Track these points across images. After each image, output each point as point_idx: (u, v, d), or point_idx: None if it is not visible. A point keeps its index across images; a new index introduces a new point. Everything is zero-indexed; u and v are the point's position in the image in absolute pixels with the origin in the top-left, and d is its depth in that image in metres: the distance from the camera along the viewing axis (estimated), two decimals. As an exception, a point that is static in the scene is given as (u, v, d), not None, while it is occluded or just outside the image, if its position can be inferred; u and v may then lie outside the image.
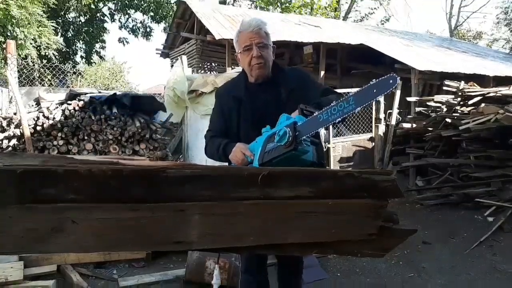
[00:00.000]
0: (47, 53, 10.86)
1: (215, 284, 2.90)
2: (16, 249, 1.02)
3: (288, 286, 2.11)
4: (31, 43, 10.20)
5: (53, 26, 11.35)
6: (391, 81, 1.33)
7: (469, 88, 6.31)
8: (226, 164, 1.91)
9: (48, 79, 10.36)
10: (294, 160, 1.50)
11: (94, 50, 16.21)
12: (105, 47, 16.69)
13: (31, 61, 9.61)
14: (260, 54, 1.82)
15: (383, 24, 19.66)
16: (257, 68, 1.85)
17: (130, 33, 17.00)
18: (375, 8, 20.45)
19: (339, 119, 1.42)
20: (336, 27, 10.98)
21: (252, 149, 1.69)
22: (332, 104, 1.44)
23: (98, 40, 16.03)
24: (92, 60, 16.49)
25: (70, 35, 15.28)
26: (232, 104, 1.92)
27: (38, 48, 10.78)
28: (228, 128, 1.95)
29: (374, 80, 1.37)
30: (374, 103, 7.10)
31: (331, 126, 6.16)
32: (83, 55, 16.14)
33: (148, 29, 17.12)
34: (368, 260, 3.65)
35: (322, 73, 8.74)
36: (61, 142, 4.28)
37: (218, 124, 2.01)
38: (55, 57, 11.15)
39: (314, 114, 1.49)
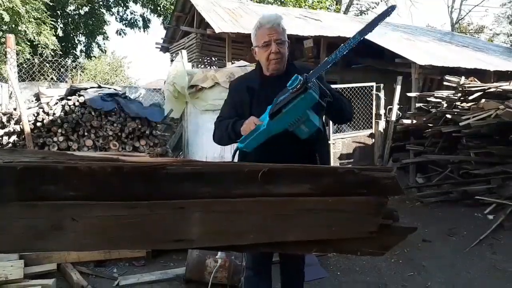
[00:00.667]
0: (44, 52, 10.86)
1: (219, 258, 2.94)
2: (16, 246, 1.02)
3: (290, 284, 2.13)
4: (29, 39, 10.21)
5: (52, 23, 11.33)
6: (389, 9, 1.67)
7: (469, 83, 6.28)
8: (235, 145, 1.96)
9: (48, 74, 10.33)
10: (302, 110, 1.61)
11: (95, 42, 16.11)
12: (107, 37, 16.60)
13: (23, 57, 9.60)
14: (278, 50, 1.91)
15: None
16: (274, 63, 1.94)
17: (127, 26, 16.87)
18: (376, 3, 20.39)
19: (347, 51, 1.67)
20: (336, 20, 10.94)
21: (263, 119, 1.76)
22: (340, 46, 1.68)
23: (99, 33, 15.94)
24: (92, 54, 16.40)
25: (69, 28, 15.19)
26: (245, 95, 1.99)
27: (35, 45, 10.76)
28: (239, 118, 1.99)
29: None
30: (374, 99, 7.12)
31: (331, 124, 6.15)
32: (83, 48, 16.08)
33: (146, 22, 16.98)
34: (368, 258, 3.65)
35: (323, 68, 8.71)
36: (61, 139, 4.27)
37: (228, 113, 2.06)
38: (51, 55, 11.13)
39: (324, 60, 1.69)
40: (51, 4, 11.59)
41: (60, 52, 12.95)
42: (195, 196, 1.08)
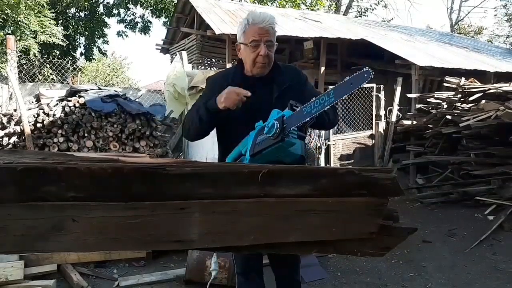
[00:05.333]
0: (49, 42, 10.85)
1: (214, 270, 2.90)
2: (16, 248, 1.02)
3: (285, 282, 2.06)
4: (31, 35, 10.25)
5: (53, 18, 11.36)
6: (365, 75, 1.46)
7: (469, 85, 6.30)
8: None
9: (48, 75, 10.34)
10: (282, 152, 1.60)
11: (96, 45, 16.18)
12: (107, 41, 16.66)
13: (34, 55, 9.62)
14: (268, 54, 1.78)
15: (383, 20, 19.64)
16: (260, 67, 1.82)
17: (128, 28, 16.91)
18: (375, 4, 20.45)
19: (321, 111, 1.52)
20: (336, 22, 10.95)
21: (245, 143, 1.71)
22: (314, 99, 1.52)
23: (100, 35, 15.98)
24: (92, 57, 16.42)
25: (70, 30, 15.23)
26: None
27: (39, 39, 10.79)
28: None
29: (348, 77, 1.51)
30: (374, 100, 7.13)
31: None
32: (83, 51, 16.11)
33: (147, 24, 17.02)
34: (368, 259, 3.65)
35: (323, 68, 8.72)
36: (61, 139, 4.27)
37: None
38: (55, 52, 11.16)
39: (299, 108, 1.57)
40: (48, 3, 11.63)
41: (58, 52, 12.99)
42: (195, 197, 1.08)
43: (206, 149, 5.05)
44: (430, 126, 6.28)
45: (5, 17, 10.05)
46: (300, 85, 1.89)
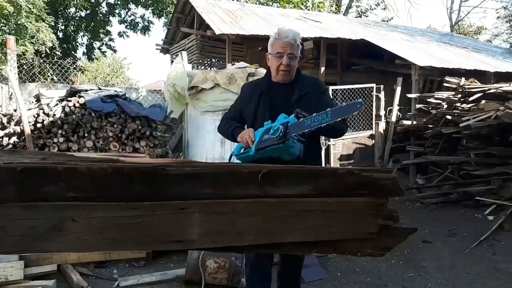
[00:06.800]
0: (40, 49, 10.90)
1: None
2: (16, 248, 1.02)
3: (287, 286, 2.18)
4: (28, 39, 10.28)
5: (51, 23, 11.38)
6: (358, 105, 1.82)
7: (469, 85, 6.30)
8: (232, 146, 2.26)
9: (48, 75, 10.34)
10: (283, 151, 1.91)
11: (104, 42, 16.19)
12: (112, 38, 16.69)
13: (31, 58, 9.65)
14: (288, 63, 2.13)
15: (383, 20, 19.63)
16: (282, 75, 2.17)
17: (128, 29, 16.90)
18: (376, 5, 20.44)
19: (318, 127, 1.84)
20: (336, 22, 10.95)
21: (257, 136, 2.02)
22: (315, 114, 1.85)
23: (103, 33, 15.97)
24: (94, 56, 16.41)
25: (70, 30, 15.21)
26: (253, 97, 2.23)
27: (34, 43, 10.83)
28: (242, 117, 2.28)
29: (344, 103, 1.87)
30: (374, 100, 7.12)
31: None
32: (85, 50, 16.10)
33: (147, 23, 17.01)
34: (368, 259, 3.65)
35: (323, 68, 8.72)
36: (61, 140, 4.26)
37: (234, 112, 2.36)
38: (53, 53, 11.16)
39: (301, 119, 1.89)
40: (48, 4, 11.65)
41: (59, 52, 13.00)
42: (196, 197, 1.08)
43: (206, 149, 5.04)
44: (430, 126, 6.27)
45: (5, 20, 10.08)
46: (317, 94, 2.21)
